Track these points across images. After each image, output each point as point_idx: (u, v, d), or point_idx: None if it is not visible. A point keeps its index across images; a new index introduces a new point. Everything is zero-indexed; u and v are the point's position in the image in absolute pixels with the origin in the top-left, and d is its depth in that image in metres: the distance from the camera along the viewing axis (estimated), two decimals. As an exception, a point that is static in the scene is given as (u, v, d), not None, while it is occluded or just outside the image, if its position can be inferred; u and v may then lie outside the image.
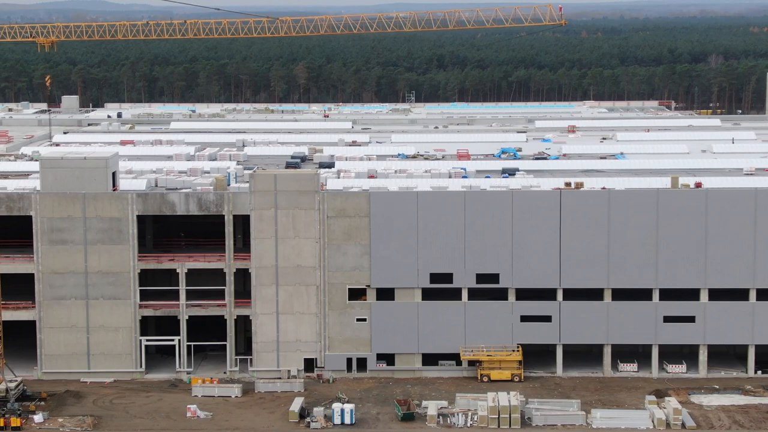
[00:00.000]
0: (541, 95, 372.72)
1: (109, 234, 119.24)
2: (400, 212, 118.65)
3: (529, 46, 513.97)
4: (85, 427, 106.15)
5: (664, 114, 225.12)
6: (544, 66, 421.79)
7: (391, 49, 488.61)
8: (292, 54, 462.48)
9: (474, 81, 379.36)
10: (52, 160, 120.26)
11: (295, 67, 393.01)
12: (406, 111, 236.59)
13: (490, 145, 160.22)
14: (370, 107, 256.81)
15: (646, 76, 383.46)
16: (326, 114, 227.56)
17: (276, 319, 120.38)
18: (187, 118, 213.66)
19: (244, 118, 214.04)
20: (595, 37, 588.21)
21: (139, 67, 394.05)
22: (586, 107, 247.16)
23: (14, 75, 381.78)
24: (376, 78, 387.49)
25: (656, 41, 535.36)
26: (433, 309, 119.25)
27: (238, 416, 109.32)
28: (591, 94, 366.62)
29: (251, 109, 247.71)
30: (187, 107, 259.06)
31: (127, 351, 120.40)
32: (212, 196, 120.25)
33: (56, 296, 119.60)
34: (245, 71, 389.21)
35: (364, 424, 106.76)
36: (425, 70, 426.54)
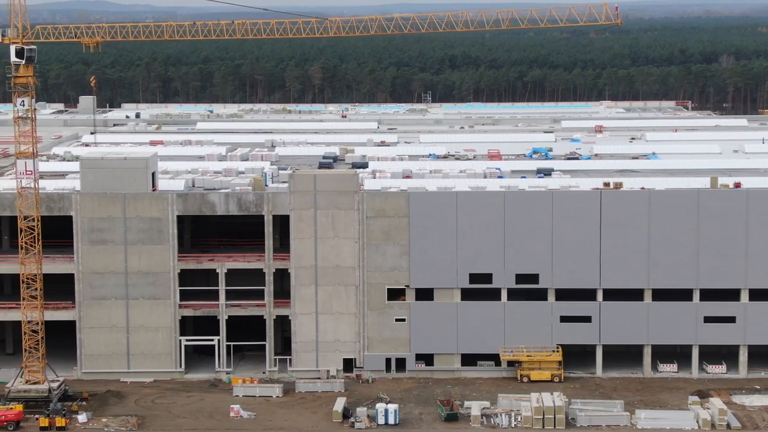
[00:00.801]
0: (556, 95, 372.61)
1: (149, 234, 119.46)
2: (439, 212, 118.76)
3: (540, 45, 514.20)
4: (129, 426, 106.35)
5: (683, 114, 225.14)
6: (556, 66, 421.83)
7: (402, 50, 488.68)
8: (304, 54, 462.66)
9: (489, 81, 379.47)
10: (92, 160, 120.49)
11: (310, 67, 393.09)
12: (424, 111, 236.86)
13: (520, 145, 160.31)
14: (386, 107, 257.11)
15: (660, 76, 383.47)
16: (344, 114, 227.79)
17: (315, 319, 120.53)
18: (205, 119, 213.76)
19: (262, 119, 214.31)
20: (605, 37, 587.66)
21: (154, 67, 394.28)
22: (603, 107, 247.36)
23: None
24: (391, 78, 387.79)
25: (666, 41, 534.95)
26: (472, 309, 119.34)
27: (281, 416, 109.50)
28: (606, 94, 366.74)
29: (268, 109, 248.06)
30: (204, 107, 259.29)
31: (167, 351, 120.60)
32: (252, 197, 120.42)
33: (96, 296, 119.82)
34: (260, 71, 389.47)
35: (407, 424, 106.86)
36: (437, 71, 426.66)
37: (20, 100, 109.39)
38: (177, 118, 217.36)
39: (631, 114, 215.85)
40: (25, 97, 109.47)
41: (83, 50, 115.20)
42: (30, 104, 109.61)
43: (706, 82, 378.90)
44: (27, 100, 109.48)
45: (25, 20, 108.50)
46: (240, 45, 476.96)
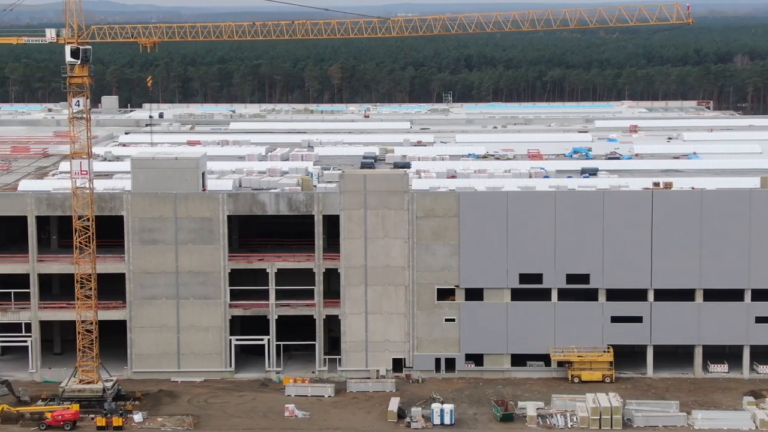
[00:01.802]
0: (576, 95, 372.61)
1: (200, 234, 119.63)
2: (489, 212, 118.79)
3: (554, 45, 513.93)
4: (185, 426, 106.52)
5: (706, 114, 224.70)
6: (572, 66, 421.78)
7: (417, 50, 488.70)
8: (319, 54, 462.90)
9: (508, 81, 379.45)
10: (143, 160, 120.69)
11: (329, 67, 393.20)
12: (445, 111, 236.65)
13: (557, 144, 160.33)
14: (407, 107, 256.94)
15: (679, 76, 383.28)
16: (366, 114, 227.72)
17: (365, 319, 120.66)
18: (228, 118, 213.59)
19: (285, 119, 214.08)
20: (615, 37, 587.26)
21: (173, 67, 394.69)
22: (625, 107, 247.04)
23: (48, 75, 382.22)
24: (410, 78, 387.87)
25: (680, 42, 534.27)
26: (522, 309, 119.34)
27: (335, 416, 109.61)
28: (626, 93, 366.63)
29: (290, 109, 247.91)
30: (226, 107, 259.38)
31: (217, 350, 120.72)
32: (302, 197, 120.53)
33: (147, 296, 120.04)
34: (279, 71, 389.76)
35: (463, 424, 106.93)
36: (453, 70, 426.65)
37: (75, 100, 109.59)
38: (200, 118, 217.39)
39: (665, 114, 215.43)
40: (80, 97, 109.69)
41: (140, 50, 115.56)
42: (85, 104, 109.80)
43: (725, 82, 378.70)
44: (82, 100, 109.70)
45: (80, 20, 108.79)
46: (252, 45, 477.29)
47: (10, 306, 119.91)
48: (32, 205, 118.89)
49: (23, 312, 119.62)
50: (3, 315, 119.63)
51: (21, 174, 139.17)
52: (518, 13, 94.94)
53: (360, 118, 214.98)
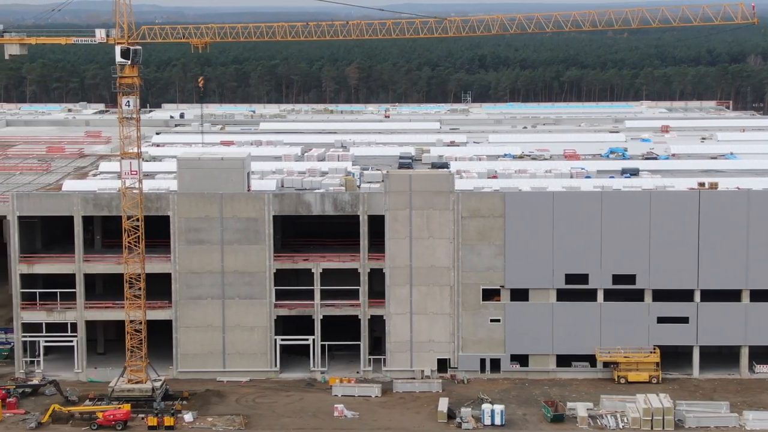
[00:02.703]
0: (593, 95, 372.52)
1: (245, 234, 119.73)
2: (534, 212, 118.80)
3: (565, 45, 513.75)
4: (236, 426, 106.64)
5: (727, 114, 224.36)
6: (586, 66, 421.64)
7: (430, 50, 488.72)
8: (333, 54, 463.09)
9: (525, 81, 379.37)
10: (189, 160, 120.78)
11: (346, 67, 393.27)
12: (465, 111, 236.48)
13: (592, 145, 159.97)
14: (427, 107, 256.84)
15: (696, 76, 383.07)
16: (387, 114, 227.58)
17: (410, 320, 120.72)
18: (249, 119, 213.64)
19: (305, 119, 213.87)
20: (625, 37, 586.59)
21: (191, 68, 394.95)
22: (644, 107, 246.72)
23: (66, 75, 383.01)
24: (426, 78, 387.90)
25: (692, 42, 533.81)
26: (567, 310, 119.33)
27: (384, 416, 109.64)
28: (643, 94, 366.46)
29: (309, 110, 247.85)
30: (246, 107, 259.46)
31: (262, 350, 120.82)
32: (347, 197, 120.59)
33: (192, 296, 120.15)
34: (296, 72, 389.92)
35: (513, 425, 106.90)
36: (467, 70, 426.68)
37: (125, 101, 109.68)
38: (221, 119, 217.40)
39: (688, 114, 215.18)
40: (130, 98, 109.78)
41: (192, 51, 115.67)
42: (135, 105, 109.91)
43: (742, 83, 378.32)
44: (132, 101, 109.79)
45: (130, 20, 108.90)
46: (269, 45, 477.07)
47: (55, 306, 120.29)
48: (78, 205, 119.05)
49: (69, 312, 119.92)
50: (49, 315, 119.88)
51: (61, 174, 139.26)
52: (579, 13, 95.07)
53: (382, 118, 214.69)
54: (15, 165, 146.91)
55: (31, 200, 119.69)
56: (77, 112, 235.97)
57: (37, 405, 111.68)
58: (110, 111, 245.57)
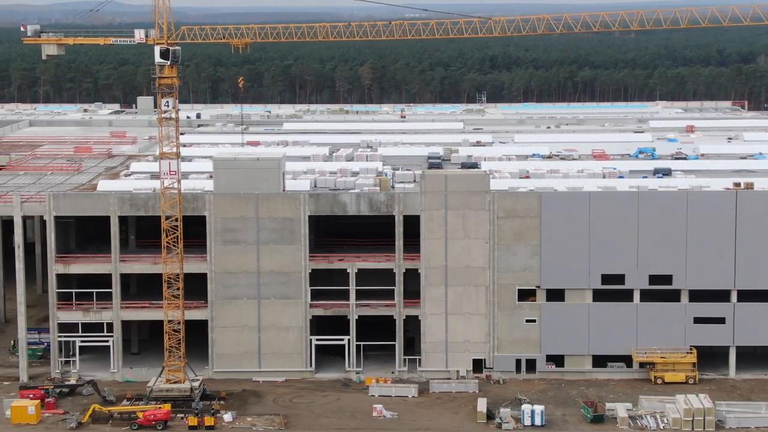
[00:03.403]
0: (607, 95, 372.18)
1: (281, 234, 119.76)
2: (571, 212, 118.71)
3: (574, 45, 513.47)
4: (276, 426, 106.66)
5: (743, 114, 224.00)
6: (597, 66, 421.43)
7: (440, 50, 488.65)
8: (343, 55, 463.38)
9: (539, 81, 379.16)
10: (225, 160, 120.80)
11: (361, 67, 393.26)
12: (481, 111, 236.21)
13: (619, 145, 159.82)
14: (442, 107, 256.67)
15: (710, 77, 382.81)
16: (402, 114, 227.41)
17: (445, 320, 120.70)
18: (265, 119, 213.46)
19: (323, 119, 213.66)
20: (632, 37, 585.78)
21: (204, 68, 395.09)
22: (659, 107, 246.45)
23: (79, 75, 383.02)
24: (440, 79, 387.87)
25: (701, 42, 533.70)
26: (604, 310, 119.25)
27: (423, 416, 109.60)
28: (657, 94, 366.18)
29: (325, 110, 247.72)
30: (261, 108, 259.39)
31: (298, 350, 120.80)
32: (383, 197, 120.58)
33: (228, 296, 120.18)
34: (310, 72, 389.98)
35: (553, 425, 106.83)
36: (478, 70, 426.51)
37: (165, 101, 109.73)
38: (237, 119, 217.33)
39: (712, 114, 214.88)
40: (169, 98, 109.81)
41: (232, 51, 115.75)
42: (174, 105, 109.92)
43: (755, 83, 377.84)
44: (171, 101, 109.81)
45: (169, 21, 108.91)
46: (278, 46, 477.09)
47: (91, 306, 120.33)
48: (115, 205, 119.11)
49: (105, 312, 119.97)
50: (85, 315, 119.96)
51: (92, 174, 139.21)
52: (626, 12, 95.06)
53: (400, 118, 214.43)
54: (44, 165, 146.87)
55: (68, 200, 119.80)
56: (93, 112, 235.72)
57: (75, 405, 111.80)
58: (125, 111, 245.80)
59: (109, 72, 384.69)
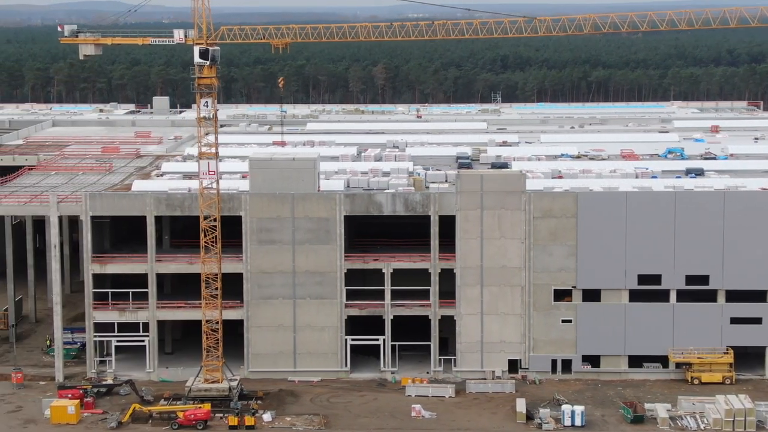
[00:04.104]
0: (621, 95, 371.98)
1: (316, 234, 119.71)
2: (607, 212, 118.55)
3: (584, 45, 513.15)
4: (316, 425, 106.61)
5: (759, 114, 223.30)
6: (608, 66, 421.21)
7: (451, 50, 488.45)
8: (353, 55, 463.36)
9: (553, 81, 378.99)
10: (261, 160, 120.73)
11: (374, 67, 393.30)
12: (496, 111, 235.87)
13: (646, 145, 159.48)
14: (457, 107, 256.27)
15: (724, 77, 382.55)
16: (419, 114, 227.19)
17: (480, 320, 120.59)
18: (282, 119, 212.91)
19: (338, 119, 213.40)
20: (638, 37, 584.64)
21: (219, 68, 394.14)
22: (675, 107, 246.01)
23: (93, 76, 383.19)
24: (453, 78, 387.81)
25: (710, 42, 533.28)
26: (640, 311, 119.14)
27: (462, 416, 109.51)
28: (671, 94, 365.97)
29: (341, 110, 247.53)
30: (276, 108, 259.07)
31: (333, 350, 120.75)
32: (418, 197, 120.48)
33: (264, 296, 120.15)
34: (324, 72, 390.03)
35: (594, 426, 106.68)
36: (490, 70, 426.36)
37: (204, 101, 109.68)
38: (254, 119, 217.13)
39: (736, 114, 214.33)
40: (208, 98, 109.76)
41: (272, 51, 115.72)
42: (213, 105, 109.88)
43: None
44: (210, 101, 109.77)
45: (209, 21, 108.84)
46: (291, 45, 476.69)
47: (127, 306, 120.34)
48: (151, 205, 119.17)
49: (141, 312, 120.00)
50: (121, 315, 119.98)
51: (123, 174, 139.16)
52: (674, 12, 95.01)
53: (417, 118, 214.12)
54: (74, 165, 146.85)
55: (104, 200, 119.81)
56: (109, 112, 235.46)
57: (113, 405, 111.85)
58: (141, 111, 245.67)
59: (123, 72, 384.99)
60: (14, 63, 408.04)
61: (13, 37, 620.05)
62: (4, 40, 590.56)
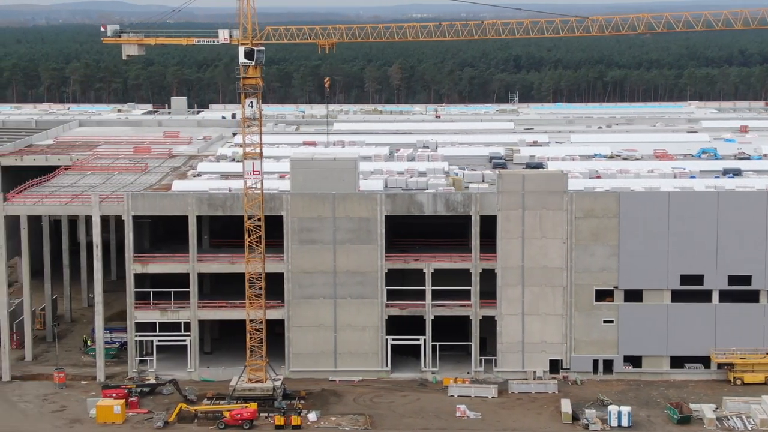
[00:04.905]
0: (636, 95, 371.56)
1: (357, 234, 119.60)
2: (649, 213, 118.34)
3: (594, 46, 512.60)
4: (362, 425, 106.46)
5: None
6: (620, 66, 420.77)
7: (463, 50, 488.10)
8: (366, 55, 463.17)
9: (569, 81, 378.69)
10: (303, 160, 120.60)
11: (390, 67, 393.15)
12: (514, 111, 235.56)
13: (678, 145, 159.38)
14: (474, 107, 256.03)
15: (739, 77, 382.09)
16: (437, 114, 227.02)
17: (521, 320, 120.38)
18: (300, 119, 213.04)
19: (357, 119, 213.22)
20: (647, 37, 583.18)
21: (233, 68, 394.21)
22: (693, 107, 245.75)
23: (109, 76, 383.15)
24: (469, 79, 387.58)
25: (722, 42, 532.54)
26: (682, 311, 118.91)
27: (507, 417, 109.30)
28: (687, 94, 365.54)
29: (359, 110, 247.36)
30: (294, 108, 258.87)
31: (373, 350, 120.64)
32: (459, 197, 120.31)
33: (305, 295, 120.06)
34: (339, 72, 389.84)
35: (640, 427, 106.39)
36: (503, 70, 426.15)
37: (249, 101, 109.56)
38: (272, 119, 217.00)
39: (755, 114, 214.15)
40: (253, 99, 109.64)
41: (318, 51, 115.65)
42: (258, 105, 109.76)
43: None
44: (255, 101, 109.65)
45: (254, 21, 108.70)
46: (298, 46, 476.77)
47: (168, 305, 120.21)
48: (193, 205, 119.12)
49: (182, 311, 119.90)
50: (162, 315, 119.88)
51: (159, 174, 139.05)
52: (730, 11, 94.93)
53: (429, 118, 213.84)
54: (108, 165, 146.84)
55: (146, 200, 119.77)
56: (127, 112, 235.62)
57: (157, 404, 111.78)
58: (159, 111, 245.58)
59: (138, 72, 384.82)
60: (28, 63, 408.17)
61: (23, 37, 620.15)
62: (14, 40, 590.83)
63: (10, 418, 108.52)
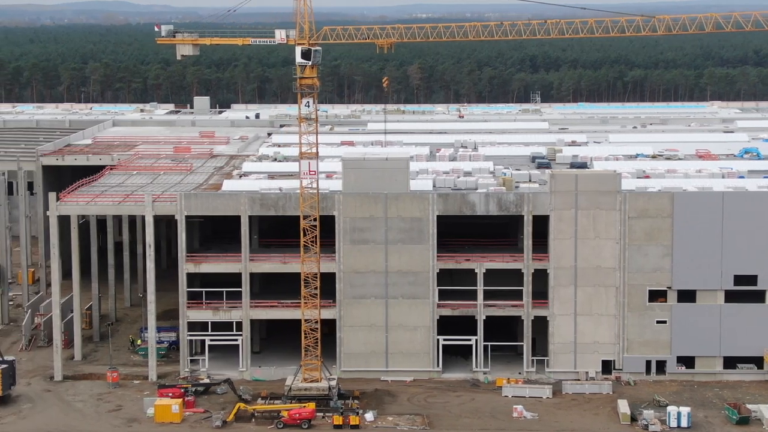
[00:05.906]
0: (657, 95, 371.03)
1: (409, 234, 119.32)
2: (703, 213, 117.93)
3: (608, 46, 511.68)
4: (419, 425, 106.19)
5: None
6: (636, 66, 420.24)
7: (479, 50, 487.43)
8: (383, 54, 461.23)
9: (589, 81, 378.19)
10: (354, 160, 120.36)
11: (409, 67, 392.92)
12: (537, 111, 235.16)
13: (718, 145, 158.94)
14: (497, 107, 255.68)
15: (759, 77, 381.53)
16: (460, 114, 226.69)
17: (574, 321, 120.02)
18: (331, 119, 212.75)
19: (378, 119, 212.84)
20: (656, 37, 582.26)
21: (252, 67, 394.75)
22: (715, 107, 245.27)
23: (129, 75, 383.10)
24: (488, 78, 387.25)
25: (736, 42, 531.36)
26: (736, 311, 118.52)
27: (564, 417, 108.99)
28: (708, 94, 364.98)
29: (381, 110, 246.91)
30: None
31: (425, 350, 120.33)
32: (512, 197, 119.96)
33: (356, 295, 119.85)
34: (359, 72, 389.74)
35: (699, 427, 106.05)
36: (519, 69, 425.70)
37: (305, 101, 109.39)
38: (295, 119, 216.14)
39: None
40: (309, 98, 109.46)
41: (377, 51, 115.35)
42: (315, 105, 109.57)
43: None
44: (311, 101, 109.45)
45: (311, 21, 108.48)
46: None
47: (221, 305, 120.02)
48: (246, 205, 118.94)
49: (234, 311, 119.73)
50: (214, 314, 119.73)
51: (205, 174, 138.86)
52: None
53: (453, 118, 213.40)
54: (151, 165, 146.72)
55: (199, 200, 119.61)
56: (150, 112, 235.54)
57: (212, 403, 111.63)
58: (181, 111, 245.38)
59: (158, 72, 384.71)
60: (46, 62, 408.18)
61: (35, 37, 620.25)
62: (27, 39, 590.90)
63: (67, 418, 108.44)
